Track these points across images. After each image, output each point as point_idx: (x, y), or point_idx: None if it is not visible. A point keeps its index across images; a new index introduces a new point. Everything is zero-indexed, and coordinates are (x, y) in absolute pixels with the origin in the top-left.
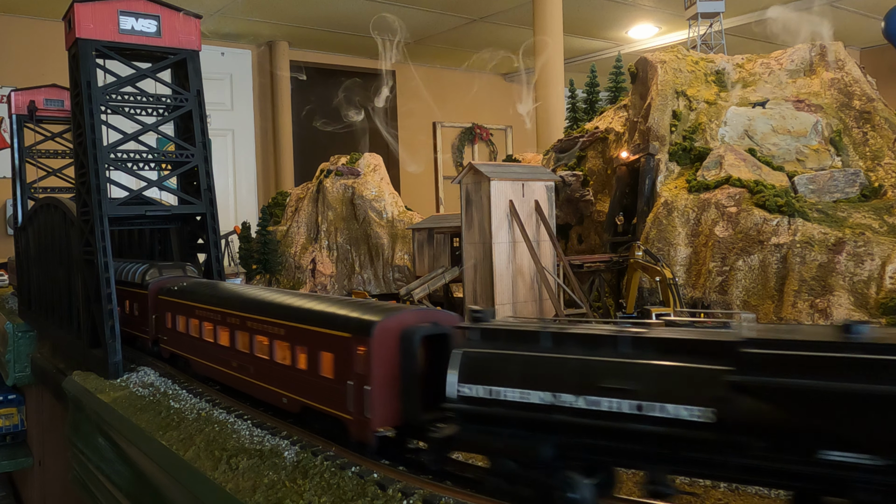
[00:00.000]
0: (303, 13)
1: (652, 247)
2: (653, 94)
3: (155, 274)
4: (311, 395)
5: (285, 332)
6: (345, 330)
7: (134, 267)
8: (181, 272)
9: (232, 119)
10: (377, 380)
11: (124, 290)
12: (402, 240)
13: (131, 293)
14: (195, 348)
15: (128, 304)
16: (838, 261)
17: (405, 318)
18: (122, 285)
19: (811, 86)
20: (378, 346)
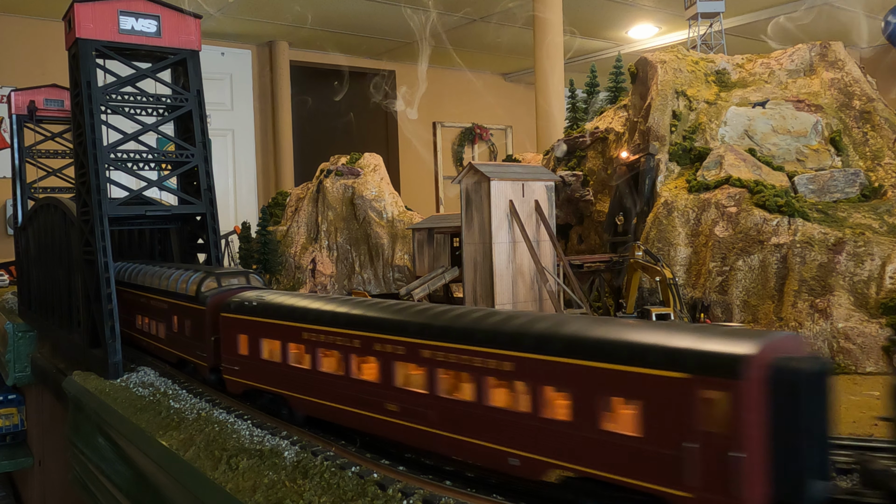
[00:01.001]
0: (303, 13)
1: (652, 247)
2: (653, 94)
3: (212, 285)
4: (582, 456)
5: (515, 366)
6: (674, 367)
7: (180, 274)
8: (243, 281)
9: (232, 119)
10: (754, 442)
11: (165, 302)
12: (402, 240)
13: (176, 306)
14: (301, 383)
15: (175, 321)
16: (838, 261)
17: (777, 346)
18: (160, 294)
19: (811, 86)
20: (752, 391)
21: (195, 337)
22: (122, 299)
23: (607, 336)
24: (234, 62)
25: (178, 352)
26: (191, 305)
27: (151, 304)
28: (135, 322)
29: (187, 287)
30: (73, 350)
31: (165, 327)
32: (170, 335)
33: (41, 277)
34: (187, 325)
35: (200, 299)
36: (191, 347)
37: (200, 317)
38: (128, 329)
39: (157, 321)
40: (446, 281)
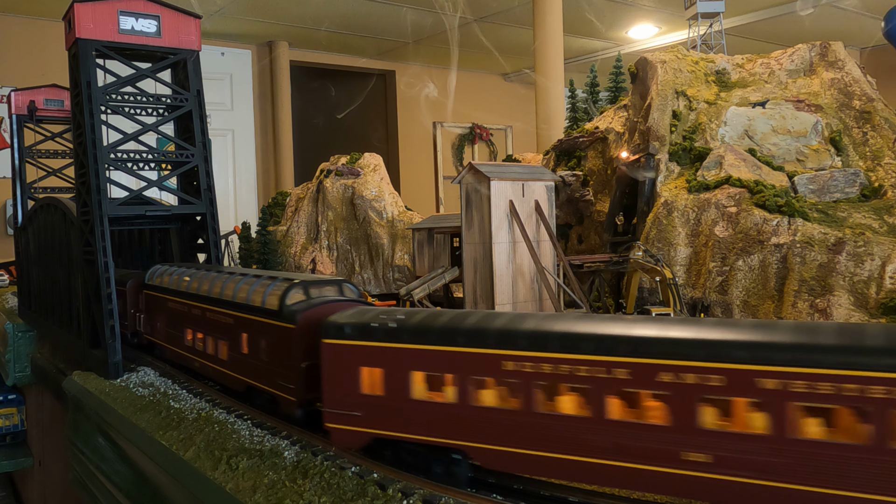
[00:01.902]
0: (303, 13)
1: (652, 247)
2: (653, 94)
3: (299, 296)
4: None
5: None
6: None
7: (253, 282)
8: (334, 291)
9: (232, 119)
10: None
11: (230, 316)
12: (402, 240)
13: (248, 322)
14: (503, 431)
15: (245, 341)
16: (838, 261)
17: None
18: (223, 306)
19: (811, 86)
20: None
21: (276, 362)
22: (163, 309)
23: None
24: (234, 62)
25: (250, 379)
26: (271, 322)
27: (208, 318)
28: (181, 338)
29: (264, 298)
30: (73, 350)
31: (230, 347)
32: (236, 357)
33: (41, 277)
34: (264, 346)
35: (286, 315)
36: (269, 375)
37: (286, 337)
38: (170, 344)
39: (217, 338)
40: (446, 281)
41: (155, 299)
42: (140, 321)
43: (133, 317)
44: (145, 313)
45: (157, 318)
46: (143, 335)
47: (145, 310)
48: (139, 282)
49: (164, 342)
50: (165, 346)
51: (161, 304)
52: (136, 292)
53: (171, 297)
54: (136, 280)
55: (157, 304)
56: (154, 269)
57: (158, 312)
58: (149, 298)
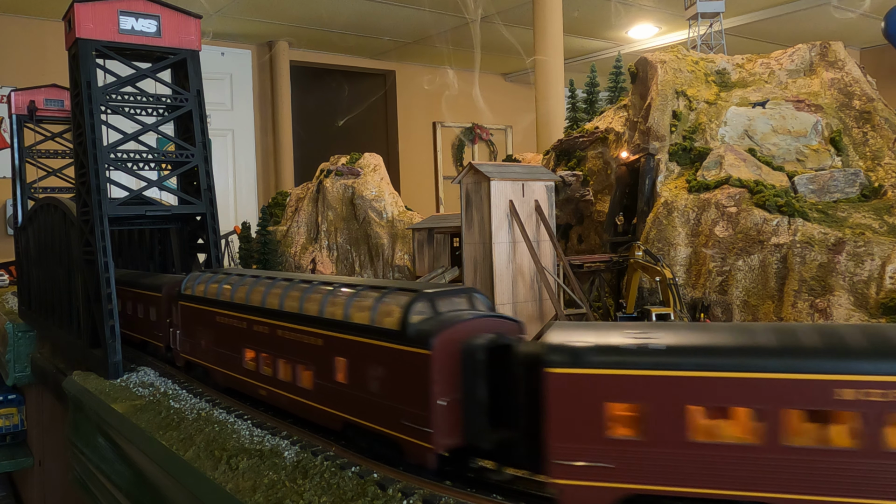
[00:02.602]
0: (303, 13)
1: (652, 247)
2: (653, 94)
3: (426, 312)
4: None
5: None
6: None
7: (353, 293)
8: (466, 303)
9: (232, 119)
10: None
11: (320, 336)
12: (402, 240)
13: (351, 345)
14: None
15: (345, 368)
16: (838, 261)
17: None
18: (307, 323)
19: (811, 86)
20: None
21: (397, 397)
22: (209, 325)
23: None
24: (234, 62)
25: (351, 415)
26: (388, 346)
27: (280, 337)
28: (237, 360)
29: (374, 314)
30: (73, 350)
31: (317, 374)
32: (326, 388)
33: (41, 277)
34: (375, 375)
35: (414, 337)
36: (384, 413)
37: (414, 366)
38: (221, 367)
39: (295, 363)
40: (446, 281)
41: (196, 313)
42: (175, 338)
43: (167, 331)
44: (182, 328)
45: (200, 334)
46: (180, 353)
47: (182, 324)
48: (173, 291)
49: (211, 364)
50: (213, 368)
51: (206, 319)
52: (169, 303)
53: (222, 310)
54: (169, 288)
55: (199, 318)
56: (193, 277)
57: (202, 328)
58: (187, 312)
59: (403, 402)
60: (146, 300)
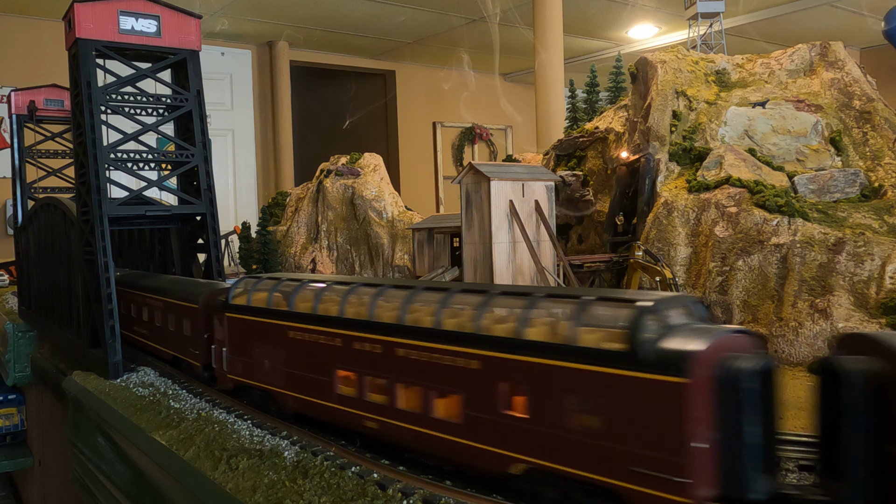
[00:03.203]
0: (303, 13)
1: (652, 247)
2: (653, 94)
3: (657, 325)
4: None
5: None
6: None
7: (503, 303)
8: (685, 314)
9: (232, 119)
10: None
11: (478, 359)
12: (402, 240)
13: (517, 368)
14: None
15: (511, 395)
16: (838, 261)
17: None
18: (468, 343)
19: (811, 86)
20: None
21: (625, 438)
22: (277, 343)
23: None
24: (234, 62)
25: (547, 461)
26: (611, 372)
27: (403, 358)
28: (324, 384)
29: (573, 330)
30: (73, 350)
31: (467, 404)
32: (486, 421)
33: (41, 277)
34: (585, 409)
35: (654, 360)
36: (605, 457)
37: (655, 398)
38: (297, 392)
39: (426, 389)
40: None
41: (254, 328)
42: (220, 357)
43: (207, 348)
44: (231, 346)
45: (261, 353)
46: (227, 375)
47: (231, 341)
48: (216, 302)
49: (280, 388)
50: (284, 393)
51: (270, 335)
52: (208, 315)
53: (300, 324)
54: (209, 298)
55: (259, 334)
56: (243, 286)
57: (264, 346)
58: (240, 326)
59: (635, 443)
60: (177, 311)
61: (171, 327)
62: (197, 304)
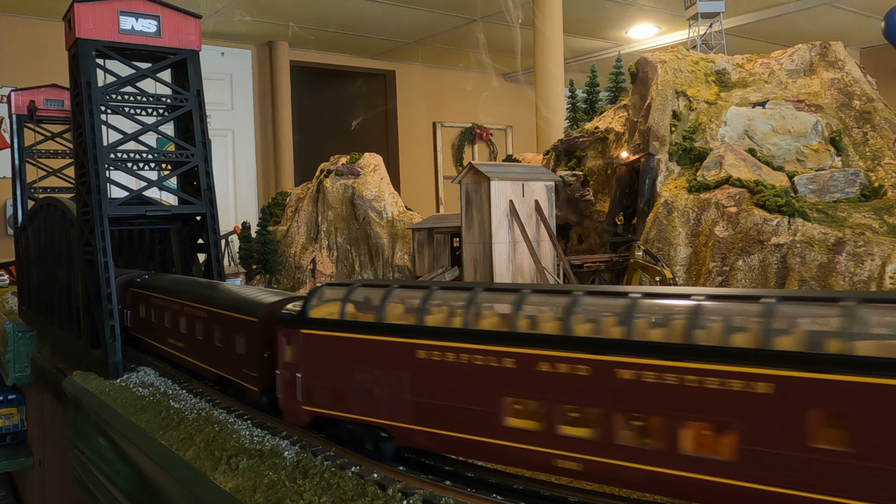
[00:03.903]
0: (303, 13)
1: (652, 247)
2: (653, 94)
3: None
4: None
5: None
6: None
7: None
8: None
9: (232, 119)
10: None
11: None
12: (402, 240)
13: None
14: None
15: None
16: (838, 261)
17: None
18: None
19: (811, 86)
20: None
21: None
22: (394, 365)
23: None
24: (234, 62)
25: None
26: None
27: (628, 382)
28: (482, 415)
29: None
30: (73, 350)
31: (748, 440)
32: (791, 459)
33: (41, 277)
34: None
35: None
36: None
37: None
38: (431, 425)
39: (677, 421)
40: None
41: (356, 348)
42: (294, 384)
43: (268, 371)
44: (310, 371)
45: (367, 380)
46: (302, 407)
47: (309, 365)
48: (283, 315)
49: (401, 422)
50: (410, 428)
51: (386, 357)
52: (267, 332)
53: (441, 342)
54: (272, 311)
55: (363, 355)
56: (322, 293)
57: (372, 371)
58: (328, 346)
59: None
60: (227, 324)
61: (217, 343)
62: (256, 316)
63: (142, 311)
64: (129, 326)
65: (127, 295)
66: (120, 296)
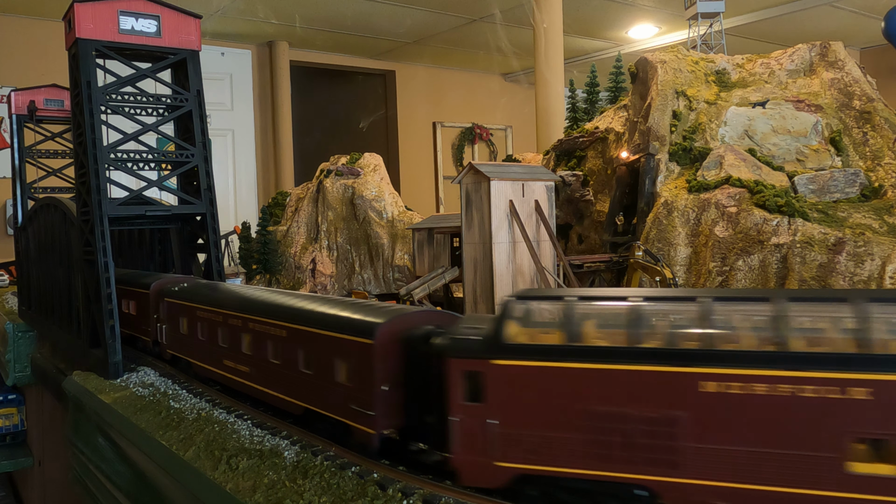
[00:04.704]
0: (303, 13)
1: (652, 247)
2: (653, 94)
3: None
4: None
5: None
6: None
7: None
8: None
9: (232, 119)
10: None
11: None
12: (402, 240)
13: None
14: None
15: None
16: (838, 261)
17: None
18: None
19: (811, 86)
20: None
21: None
22: None
23: None
24: (234, 62)
25: None
26: None
27: None
28: None
29: None
30: (73, 350)
31: None
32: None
33: (41, 277)
34: None
35: None
36: None
37: None
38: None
39: None
40: (446, 281)
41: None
42: (485, 436)
43: (396, 410)
44: (512, 418)
45: (634, 428)
46: (499, 463)
47: (514, 411)
48: (444, 343)
49: (674, 475)
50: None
51: (669, 394)
52: (407, 359)
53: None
54: (399, 326)
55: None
56: (523, 308)
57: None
58: (549, 384)
59: None
60: (319, 344)
61: (304, 369)
62: (371, 337)
63: (182, 325)
64: (163, 343)
65: (161, 306)
66: (152, 306)
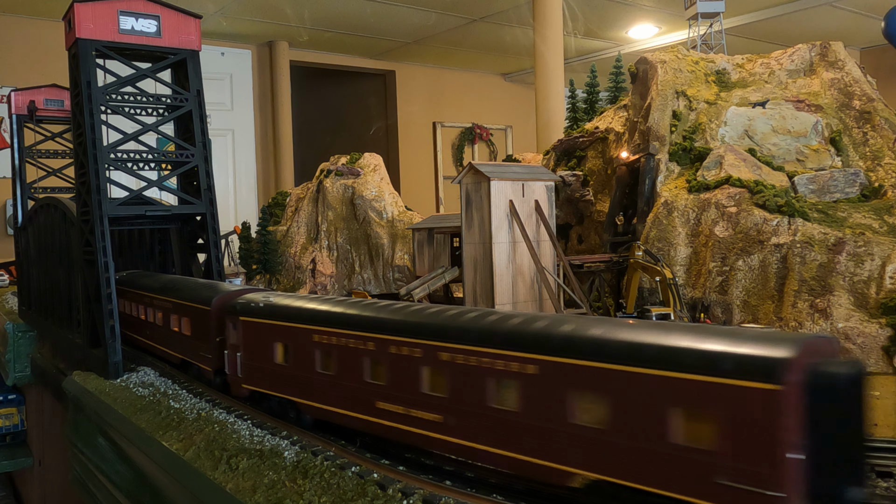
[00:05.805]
0: (303, 13)
1: (652, 247)
2: (653, 94)
3: None
4: None
5: None
6: None
7: None
8: None
9: (232, 119)
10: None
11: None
12: (402, 240)
13: None
14: None
15: None
16: (838, 261)
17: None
18: None
19: (811, 86)
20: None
21: None
22: None
23: None
24: (234, 62)
25: None
26: None
27: None
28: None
29: None
30: (73, 350)
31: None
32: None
33: (41, 277)
34: None
35: None
36: None
37: None
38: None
39: None
40: (446, 281)
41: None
42: None
43: None
44: None
45: None
46: None
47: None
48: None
49: None
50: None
51: None
52: None
53: None
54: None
55: None
56: None
57: None
58: None
59: None
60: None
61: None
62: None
63: (277, 354)
64: (238, 377)
65: (232, 328)
66: (213, 326)
